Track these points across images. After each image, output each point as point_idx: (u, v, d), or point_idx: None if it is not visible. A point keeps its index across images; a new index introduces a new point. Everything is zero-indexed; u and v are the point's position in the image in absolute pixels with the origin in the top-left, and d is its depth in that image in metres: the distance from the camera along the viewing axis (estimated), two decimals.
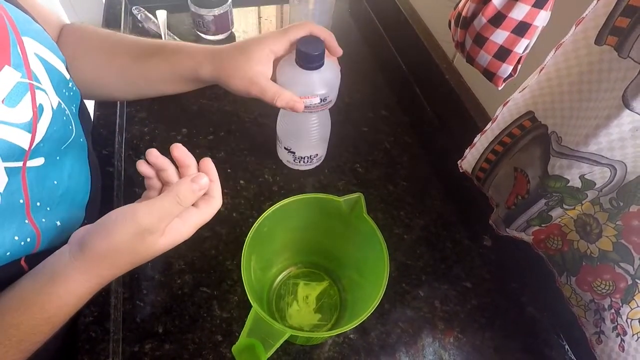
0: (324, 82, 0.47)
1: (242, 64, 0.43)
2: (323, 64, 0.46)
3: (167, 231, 0.33)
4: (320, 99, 0.48)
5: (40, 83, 0.33)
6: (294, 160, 0.58)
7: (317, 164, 0.61)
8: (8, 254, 0.31)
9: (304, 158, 0.58)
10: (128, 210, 0.31)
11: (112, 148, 0.57)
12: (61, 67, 0.37)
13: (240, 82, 0.44)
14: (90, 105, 0.63)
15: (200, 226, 0.36)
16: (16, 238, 0.31)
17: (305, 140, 0.55)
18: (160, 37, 0.73)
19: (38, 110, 0.32)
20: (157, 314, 0.47)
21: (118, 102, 0.63)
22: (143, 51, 0.46)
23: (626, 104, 0.30)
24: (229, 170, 0.60)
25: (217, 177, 0.37)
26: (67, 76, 0.38)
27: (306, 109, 0.48)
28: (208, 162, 0.37)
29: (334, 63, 0.49)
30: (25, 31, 0.33)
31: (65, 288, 0.31)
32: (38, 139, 0.32)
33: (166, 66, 0.45)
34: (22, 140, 0.31)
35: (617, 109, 0.30)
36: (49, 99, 0.34)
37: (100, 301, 0.44)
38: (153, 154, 0.37)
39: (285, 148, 0.57)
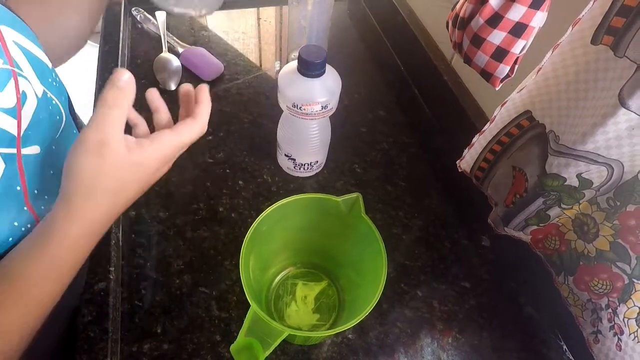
0: (325, 89, 0.48)
1: None
2: (324, 71, 0.47)
3: (134, 146, 0.31)
4: (321, 106, 0.48)
5: (22, 70, 0.33)
6: (294, 167, 0.58)
7: (317, 170, 0.61)
8: (10, 239, 0.31)
9: (304, 165, 0.58)
10: (76, 139, 0.30)
11: None
12: (43, 56, 0.37)
13: None
14: (90, 105, 0.63)
15: (179, 149, 0.35)
16: (16, 224, 0.32)
17: (306, 147, 0.55)
18: (159, 38, 0.73)
19: (21, 97, 0.32)
20: (155, 314, 0.47)
21: None
22: None
23: (622, 102, 0.30)
24: (227, 171, 0.60)
25: (208, 100, 0.36)
26: (50, 65, 0.38)
27: (307, 116, 0.49)
28: (202, 87, 0.36)
29: (335, 71, 0.49)
30: (1, 20, 0.33)
31: (65, 234, 0.30)
32: (24, 125, 0.33)
33: None
34: (9, 125, 0.31)
35: (614, 107, 0.31)
36: (32, 87, 0.34)
37: (98, 301, 0.44)
38: (152, 93, 0.37)
39: (285, 155, 0.57)
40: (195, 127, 0.35)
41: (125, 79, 0.31)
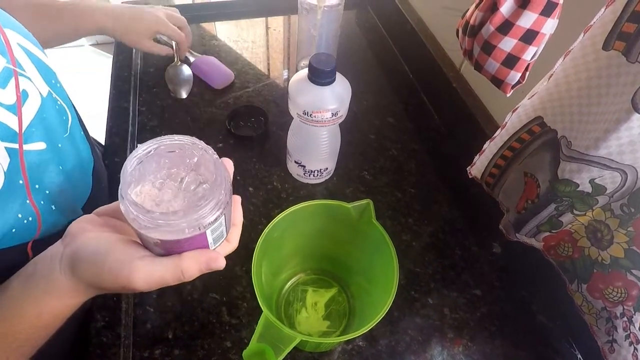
0: (335, 97, 0.48)
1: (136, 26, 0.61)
2: (335, 79, 0.47)
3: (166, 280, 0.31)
4: (332, 114, 0.49)
5: (24, 70, 0.35)
6: (304, 174, 0.59)
7: (327, 177, 0.61)
8: (14, 230, 0.32)
9: (314, 172, 0.58)
10: (125, 266, 0.28)
11: (125, 156, 0.58)
12: (46, 60, 0.39)
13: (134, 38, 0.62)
14: (104, 113, 0.64)
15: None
16: (19, 216, 0.33)
17: (316, 154, 0.56)
18: (170, 45, 0.74)
19: (22, 96, 0.34)
20: (167, 320, 0.47)
21: (130, 112, 0.64)
22: (54, 12, 0.55)
23: (636, 107, 0.30)
24: (238, 178, 0.60)
25: (241, 221, 0.35)
26: (54, 70, 0.40)
27: (317, 124, 0.49)
28: (236, 201, 0.35)
29: (345, 79, 0.50)
30: (6, 24, 0.35)
31: (60, 301, 0.31)
32: (26, 122, 0.34)
33: (72, 28, 0.57)
34: (11, 121, 0.32)
35: (627, 112, 0.31)
36: (35, 86, 0.36)
37: (111, 306, 0.44)
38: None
39: (295, 162, 0.57)
40: (227, 249, 0.35)
41: (213, 268, 0.30)
